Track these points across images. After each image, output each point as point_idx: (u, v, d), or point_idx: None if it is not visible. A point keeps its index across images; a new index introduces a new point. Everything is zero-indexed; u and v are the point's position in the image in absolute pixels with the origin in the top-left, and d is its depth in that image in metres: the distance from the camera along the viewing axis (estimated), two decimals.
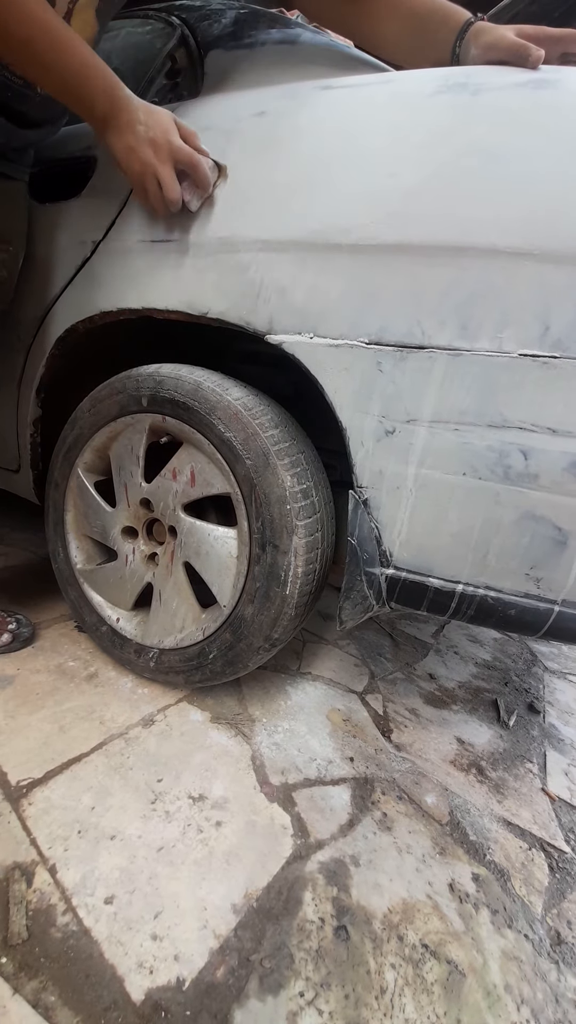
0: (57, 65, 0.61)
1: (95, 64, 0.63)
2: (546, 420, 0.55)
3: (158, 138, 0.65)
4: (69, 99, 0.65)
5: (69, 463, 0.90)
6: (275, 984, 0.51)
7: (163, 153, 0.66)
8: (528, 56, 0.59)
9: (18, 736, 0.74)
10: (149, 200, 0.70)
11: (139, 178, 0.68)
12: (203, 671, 0.81)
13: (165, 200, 0.69)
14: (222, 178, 0.71)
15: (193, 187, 0.70)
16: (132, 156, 0.66)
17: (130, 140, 0.66)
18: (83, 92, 0.64)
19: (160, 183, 0.67)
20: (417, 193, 0.58)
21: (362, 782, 0.78)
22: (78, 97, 0.64)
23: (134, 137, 0.65)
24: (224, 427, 0.71)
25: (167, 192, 0.68)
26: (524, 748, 0.96)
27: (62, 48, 0.61)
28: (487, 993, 0.54)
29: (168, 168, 0.67)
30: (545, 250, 0.53)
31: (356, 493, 0.66)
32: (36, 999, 0.46)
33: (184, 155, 0.67)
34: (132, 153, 0.66)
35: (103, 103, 0.64)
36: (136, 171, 0.67)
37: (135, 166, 0.67)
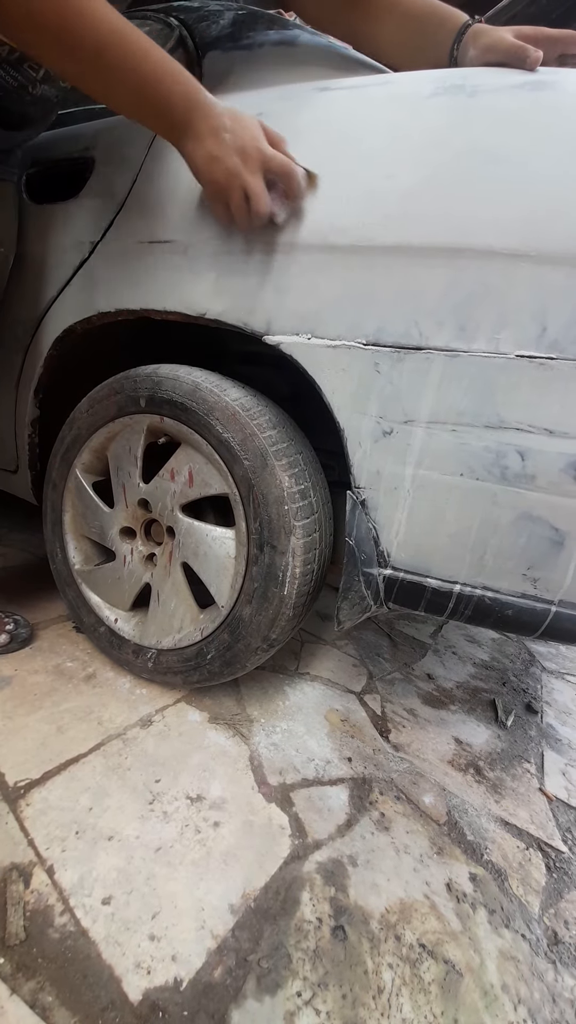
0: (133, 74, 0.56)
1: (173, 68, 0.58)
2: (543, 421, 0.55)
3: (247, 145, 0.59)
4: (142, 109, 0.60)
5: (67, 464, 0.90)
6: (273, 984, 0.51)
7: (253, 162, 0.59)
8: (526, 58, 0.59)
9: (16, 737, 0.74)
10: (231, 213, 0.63)
11: (222, 190, 0.61)
12: (201, 671, 0.81)
13: (251, 213, 0.62)
14: (311, 187, 0.63)
15: (282, 197, 0.63)
16: (216, 166, 0.60)
17: (213, 148, 0.59)
18: (159, 100, 0.58)
19: (248, 195, 0.61)
20: (414, 194, 0.59)
21: (360, 782, 0.78)
22: (153, 106, 0.59)
23: (218, 145, 0.59)
24: (222, 428, 0.71)
25: (256, 205, 0.61)
26: (522, 748, 0.96)
27: (138, 54, 0.56)
28: (484, 993, 0.54)
29: (258, 178, 0.60)
30: (542, 251, 0.53)
31: (354, 494, 0.66)
32: (34, 999, 0.46)
33: (278, 164, 0.60)
34: (216, 163, 0.60)
35: (181, 109, 0.59)
36: (219, 182, 0.61)
37: (218, 176, 0.60)
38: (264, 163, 0.60)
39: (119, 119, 0.90)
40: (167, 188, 0.76)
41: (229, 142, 0.59)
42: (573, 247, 0.52)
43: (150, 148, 0.79)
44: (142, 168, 0.79)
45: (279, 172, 0.60)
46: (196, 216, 0.72)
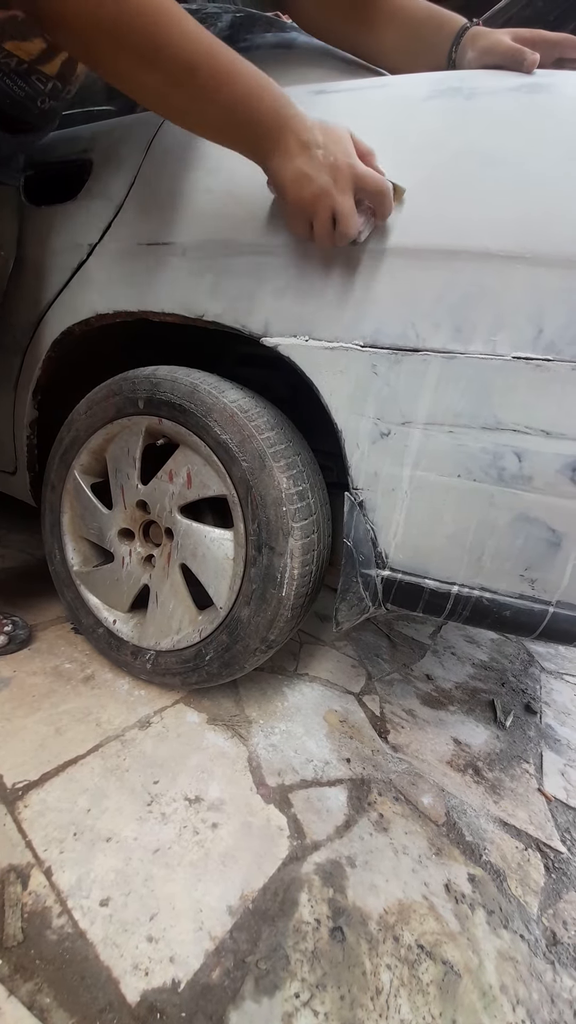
0: (224, 94, 0.53)
1: (264, 84, 0.55)
2: (540, 422, 0.55)
3: (339, 162, 0.55)
4: (228, 130, 0.57)
5: (65, 465, 0.91)
6: (271, 985, 0.51)
7: (344, 180, 0.56)
8: (523, 60, 0.59)
9: (14, 738, 0.74)
10: (316, 234, 0.60)
11: (309, 209, 0.57)
12: (200, 673, 0.81)
13: (337, 234, 0.58)
14: (398, 201, 0.60)
15: (368, 215, 0.59)
16: (305, 184, 0.56)
17: (304, 165, 0.56)
18: (249, 119, 0.55)
19: (336, 215, 0.57)
20: (411, 196, 0.59)
21: (359, 783, 0.78)
22: (242, 126, 0.56)
23: (309, 162, 0.56)
24: (220, 429, 0.71)
25: (344, 227, 0.57)
26: (520, 748, 0.96)
27: (232, 73, 0.53)
28: (483, 994, 0.54)
29: (349, 198, 0.56)
30: (538, 253, 0.53)
31: (352, 495, 0.66)
32: (31, 1001, 0.46)
33: (372, 182, 0.56)
34: (306, 181, 0.56)
35: (271, 126, 0.56)
36: (306, 201, 0.57)
37: (306, 195, 0.56)
38: (356, 181, 0.56)
39: (117, 121, 0.90)
40: (165, 190, 0.76)
41: (321, 159, 0.56)
42: (569, 249, 0.52)
43: (148, 150, 0.79)
44: (140, 170, 0.79)
45: (372, 192, 0.57)
46: (194, 218, 0.73)
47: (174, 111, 0.58)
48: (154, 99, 0.57)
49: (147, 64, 0.52)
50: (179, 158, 0.75)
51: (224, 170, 0.71)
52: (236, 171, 0.70)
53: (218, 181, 0.71)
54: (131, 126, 0.85)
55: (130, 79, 0.55)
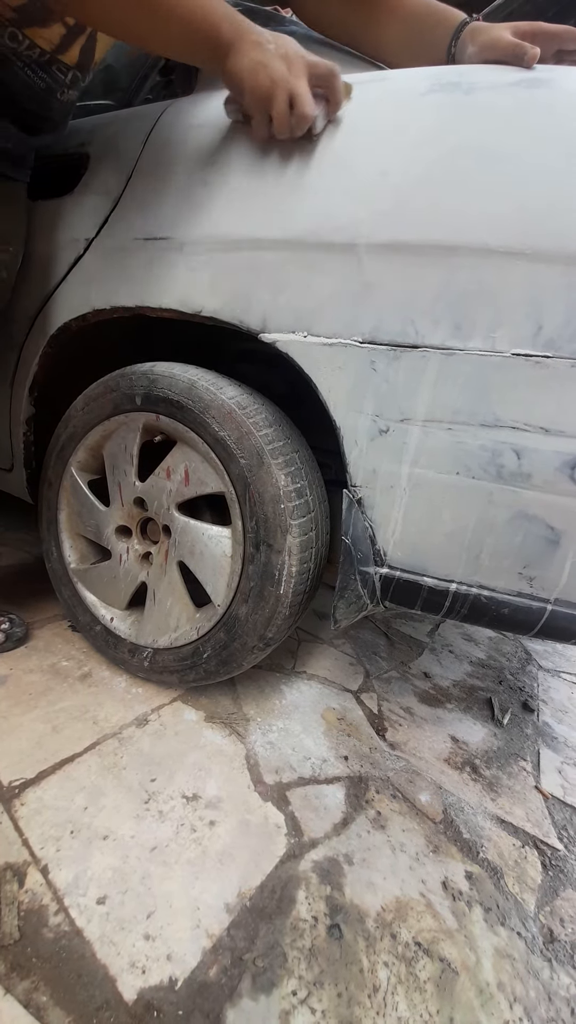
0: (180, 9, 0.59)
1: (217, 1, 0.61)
2: (539, 420, 0.55)
3: (290, 53, 0.61)
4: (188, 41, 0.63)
5: (62, 462, 0.90)
6: (268, 983, 0.51)
7: (298, 67, 0.61)
8: (523, 55, 0.59)
9: (11, 736, 0.74)
10: (275, 121, 0.63)
11: (267, 94, 0.61)
12: (197, 670, 0.80)
13: (293, 119, 0.62)
14: (347, 99, 0.64)
15: (323, 104, 0.63)
16: (261, 71, 0.60)
17: (259, 56, 0.61)
18: (207, 28, 0.61)
19: (293, 97, 0.61)
20: (409, 192, 0.58)
21: (356, 781, 0.78)
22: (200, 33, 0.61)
23: (263, 53, 0.61)
24: (218, 426, 0.71)
25: (301, 107, 0.61)
26: (518, 746, 0.96)
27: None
28: (480, 991, 0.54)
29: (303, 82, 0.61)
30: (538, 249, 0.53)
31: (350, 492, 0.66)
32: (28, 999, 0.46)
33: (321, 65, 0.61)
34: (261, 68, 0.60)
35: (227, 31, 0.61)
36: (264, 87, 0.61)
37: (263, 82, 0.61)
38: (309, 67, 0.61)
39: (114, 114, 0.90)
40: (163, 184, 0.75)
41: (273, 51, 0.61)
42: (568, 245, 0.52)
43: (146, 143, 0.78)
44: (137, 164, 0.79)
45: (323, 74, 0.61)
46: (191, 212, 0.72)
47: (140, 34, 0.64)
48: (120, 25, 0.63)
49: None
50: (176, 151, 0.75)
51: (222, 163, 0.71)
52: (234, 164, 0.70)
53: (216, 174, 0.71)
54: (128, 119, 0.84)
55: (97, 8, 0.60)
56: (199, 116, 0.76)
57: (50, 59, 0.67)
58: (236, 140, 0.71)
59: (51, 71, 0.69)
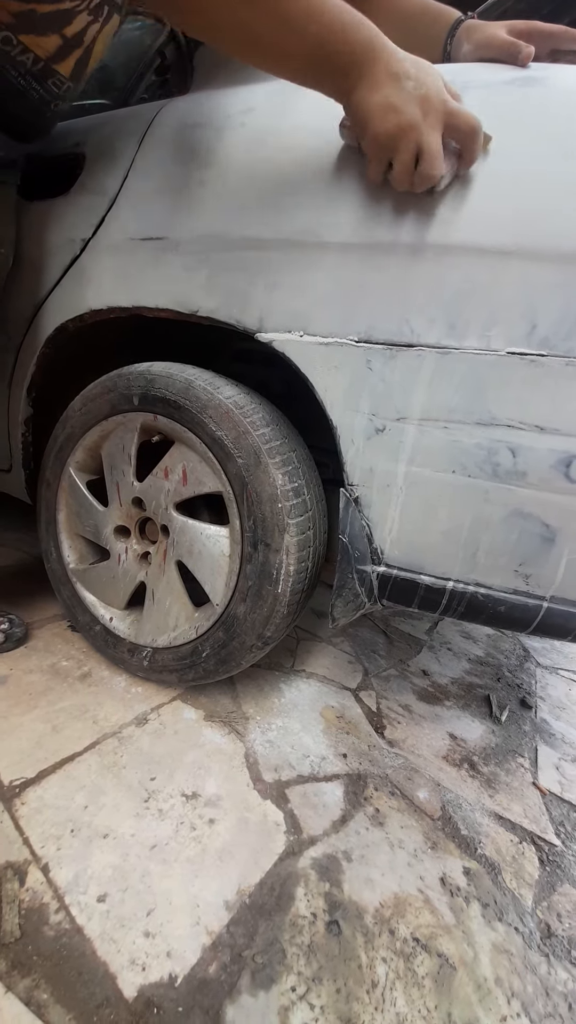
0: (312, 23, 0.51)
1: (354, 13, 0.52)
2: (534, 418, 0.55)
3: (431, 96, 0.52)
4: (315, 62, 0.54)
5: (61, 462, 0.90)
6: (267, 979, 0.51)
7: (435, 115, 0.52)
8: (518, 53, 0.59)
9: (11, 736, 0.74)
10: (394, 173, 0.55)
11: (391, 142, 0.53)
12: (196, 669, 0.81)
13: (416, 176, 0.54)
14: (485, 152, 0.56)
15: (454, 160, 0.55)
16: (391, 116, 0.52)
17: (392, 96, 0.52)
18: (340, 48, 0.52)
19: (420, 153, 0.53)
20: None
21: (355, 778, 0.79)
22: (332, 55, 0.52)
23: (398, 93, 0.52)
24: (215, 425, 0.71)
25: (428, 165, 0.53)
26: (516, 743, 0.97)
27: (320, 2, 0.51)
28: (478, 986, 0.55)
29: (436, 136, 0.53)
30: (532, 249, 0.53)
31: (347, 491, 0.66)
32: (29, 997, 0.46)
33: (465, 120, 0.52)
34: (392, 113, 0.52)
35: (361, 55, 0.52)
36: (390, 133, 0.53)
37: (390, 127, 0.52)
38: (447, 118, 0.53)
39: (110, 114, 0.90)
40: (159, 183, 0.75)
41: (411, 90, 0.52)
42: (563, 244, 0.52)
43: (142, 143, 0.79)
44: (133, 164, 0.79)
45: (464, 130, 0.53)
46: (188, 211, 0.72)
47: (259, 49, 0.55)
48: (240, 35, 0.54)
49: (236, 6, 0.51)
50: (173, 151, 0.75)
51: (218, 162, 0.71)
52: (231, 163, 0.70)
53: (212, 173, 0.71)
54: (125, 119, 0.84)
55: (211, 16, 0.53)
56: (195, 115, 0.76)
57: (44, 68, 0.66)
58: (231, 140, 0.71)
59: (46, 84, 0.68)
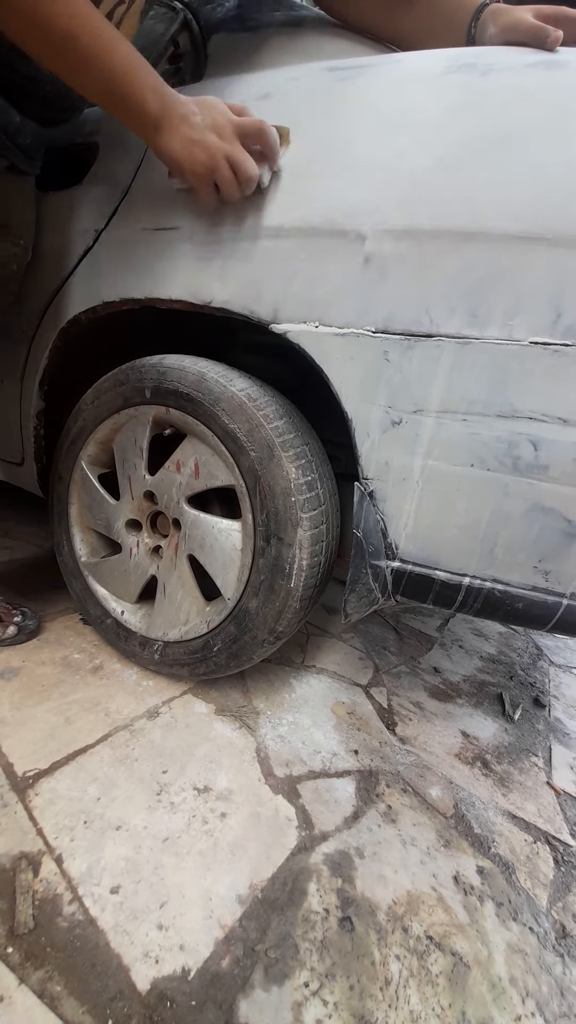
0: (101, 62, 0.57)
1: (141, 63, 0.59)
2: (557, 410, 0.54)
3: (218, 121, 0.62)
4: (113, 100, 0.61)
5: (73, 456, 0.90)
6: (280, 974, 0.51)
7: (227, 133, 0.62)
8: (547, 37, 0.58)
9: (24, 727, 0.74)
10: (222, 189, 0.65)
11: (207, 168, 0.62)
12: (207, 664, 0.80)
13: (240, 182, 0.64)
14: (285, 143, 0.66)
15: (262, 159, 0.64)
16: (196, 148, 0.61)
17: (189, 133, 0.61)
18: (131, 92, 0.59)
19: (233, 164, 0.62)
20: (425, 176, 0.57)
21: (367, 775, 0.78)
22: (124, 98, 0.60)
23: (192, 129, 0.61)
24: (228, 418, 0.70)
25: (244, 169, 0.62)
26: (529, 742, 0.96)
27: (107, 45, 0.57)
28: (492, 985, 0.54)
29: (238, 146, 0.62)
30: (557, 234, 0.51)
31: (362, 485, 0.65)
32: (42, 989, 0.46)
33: (250, 125, 0.62)
34: (195, 145, 0.61)
35: (154, 103, 0.60)
36: (202, 162, 0.62)
37: (200, 157, 0.62)
38: (238, 129, 0.62)
39: None
40: None
41: (201, 123, 0.61)
42: None
43: None
44: (147, 153, 0.78)
45: (253, 133, 0.62)
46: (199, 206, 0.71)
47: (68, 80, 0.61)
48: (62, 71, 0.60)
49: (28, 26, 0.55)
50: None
51: None
52: None
53: None
54: None
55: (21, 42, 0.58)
56: None
57: None
58: None
59: None
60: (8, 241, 0.80)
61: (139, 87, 0.59)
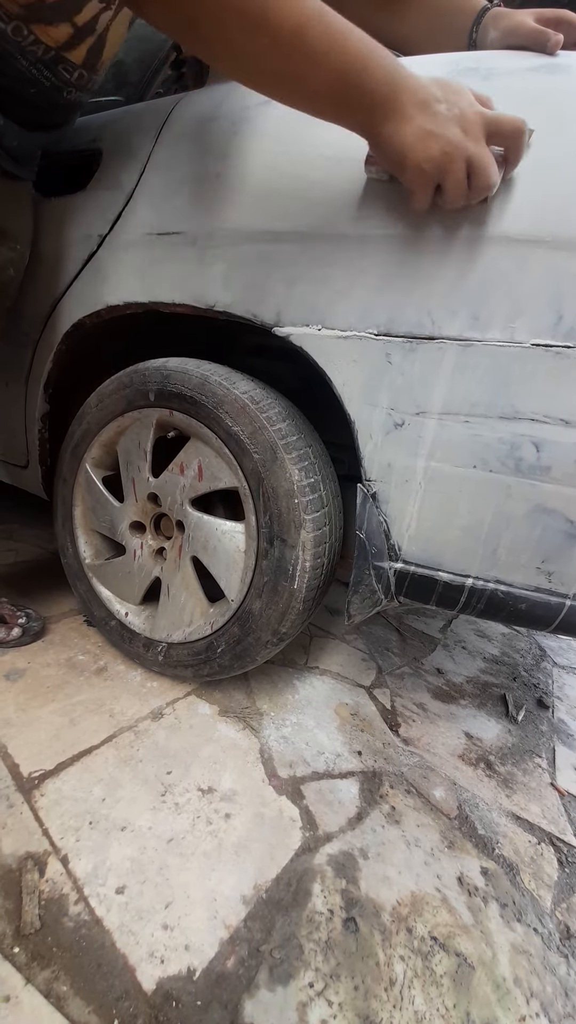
0: (333, 55, 0.49)
1: (375, 46, 0.51)
2: (559, 411, 0.54)
3: (466, 112, 0.50)
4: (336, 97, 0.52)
5: (77, 458, 0.91)
6: (285, 975, 0.51)
7: (476, 128, 0.50)
8: (547, 41, 0.58)
9: (29, 728, 0.75)
10: (447, 194, 0.53)
11: (438, 168, 0.51)
12: (211, 665, 0.81)
13: (472, 191, 0.52)
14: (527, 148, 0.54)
15: (500, 163, 0.53)
16: (432, 142, 0.50)
17: (427, 123, 0.50)
18: (361, 83, 0.51)
19: (471, 168, 0.51)
20: None
21: (370, 776, 0.78)
22: (354, 89, 0.51)
23: (433, 119, 0.50)
24: (231, 421, 0.70)
25: (485, 176, 0.51)
26: (533, 743, 0.95)
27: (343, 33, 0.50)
28: (496, 986, 0.54)
29: (483, 146, 0.51)
30: (558, 237, 0.52)
31: (364, 487, 0.65)
32: (48, 989, 0.46)
33: (508, 124, 0.51)
34: (432, 139, 0.50)
35: (384, 89, 0.51)
36: (435, 159, 0.51)
37: (435, 155, 0.50)
38: (489, 127, 0.51)
39: (127, 109, 0.89)
40: (176, 178, 0.75)
41: (445, 112, 0.51)
42: None
43: (158, 137, 0.78)
44: (150, 158, 0.79)
45: (510, 134, 0.51)
46: (204, 205, 0.72)
47: (279, 81, 0.54)
48: (256, 69, 0.53)
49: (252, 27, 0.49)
50: (190, 144, 0.75)
51: (235, 155, 0.70)
52: (247, 156, 0.69)
53: (229, 167, 0.70)
54: (141, 114, 0.84)
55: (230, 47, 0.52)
56: (211, 109, 0.75)
57: (55, 56, 0.66)
58: (248, 131, 0.70)
59: (56, 70, 0.67)
60: (4, 246, 0.80)
61: (372, 76, 0.51)
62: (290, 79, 0.53)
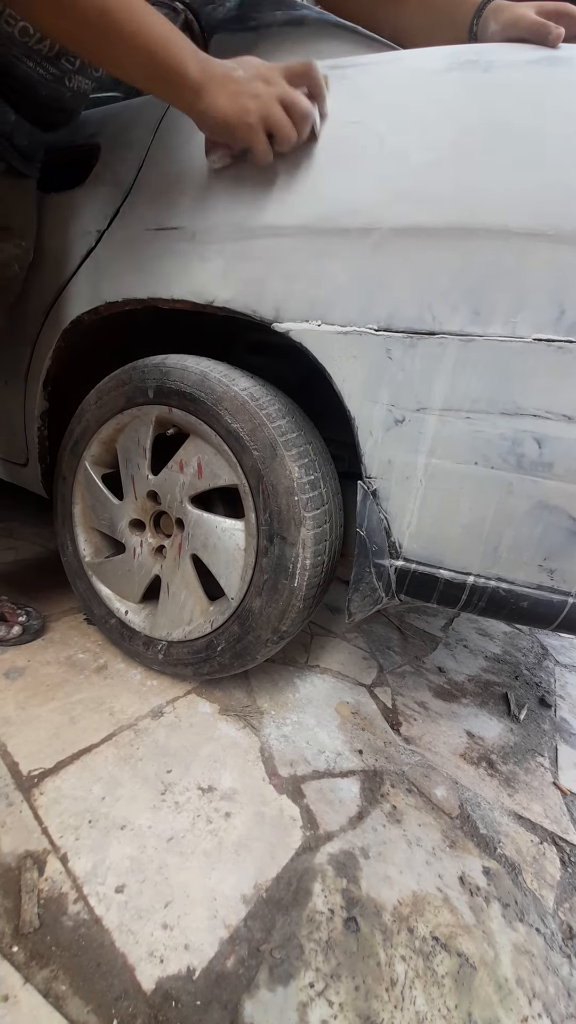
0: (139, 37, 0.57)
1: (176, 32, 0.59)
2: (561, 407, 0.53)
3: (261, 69, 0.61)
4: (154, 73, 0.60)
5: (76, 456, 0.90)
6: (285, 974, 0.51)
7: (274, 77, 0.61)
8: (548, 34, 0.57)
9: (29, 727, 0.74)
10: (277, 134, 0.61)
11: (259, 116, 0.60)
12: (211, 663, 0.80)
13: (296, 121, 0.61)
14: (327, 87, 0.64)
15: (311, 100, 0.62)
16: (244, 98, 0.60)
17: (233, 87, 0.60)
18: (172, 60, 0.58)
19: (286, 105, 0.60)
20: (427, 173, 0.57)
21: (371, 775, 0.78)
22: (167, 67, 0.59)
23: (236, 83, 0.60)
24: (231, 418, 0.70)
25: (299, 106, 0.60)
26: (535, 742, 0.95)
27: (141, 18, 0.56)
28: (498, 987, 0.54)
29: (286, 85, 0.61)
30: (559, 231, 0.51)
31: (365, 484, 0.65)
32: (47, 988, 0.46)
33: (296, 65, 0.61)
34: (243, 96, 0.60)
35: (195, 68, 0.59)
36: (254, 109, 0.60)
37: (251, 105, 0.60)
38: (285, 72, 0.61)
39: (125, 104, 0.89)
40: (174, 173, 0.75)
41: (244, 75, 0.61)
42: None
43: (156, 133, 0.78)
44: (148, 153, 0.78)
45: (301, 72, 0.61)
46: (203, 201, 0.71)
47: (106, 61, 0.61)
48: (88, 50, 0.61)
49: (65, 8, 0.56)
50: (188, 139, 0.74)
51: None
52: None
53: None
54: (139, 108, 0.84)
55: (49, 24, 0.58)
56: None
57: (59, 51, 0.67)
58: None
59: (59, 63, 0.68)
60: (10, 243, 0.80)
61: (178, 55, 0.59)
62: (112, 58, 0.60)
